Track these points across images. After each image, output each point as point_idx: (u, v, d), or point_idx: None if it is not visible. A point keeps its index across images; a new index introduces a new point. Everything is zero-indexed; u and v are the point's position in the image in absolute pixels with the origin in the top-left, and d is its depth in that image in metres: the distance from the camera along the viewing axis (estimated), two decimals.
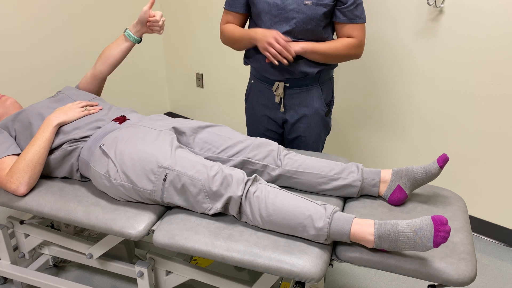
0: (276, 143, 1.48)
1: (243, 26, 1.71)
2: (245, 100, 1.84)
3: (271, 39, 1.49)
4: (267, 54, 1.53)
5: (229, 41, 1.69)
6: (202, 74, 2.97)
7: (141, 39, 1.74)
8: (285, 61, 1.51)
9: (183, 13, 2.87)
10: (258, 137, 1.54)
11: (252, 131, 1.85)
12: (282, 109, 1.70)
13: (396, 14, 2.01)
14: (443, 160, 1.30)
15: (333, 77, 1.76)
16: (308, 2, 1.50)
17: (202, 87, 3.01)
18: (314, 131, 1.74)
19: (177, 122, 1.51)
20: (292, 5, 1.52)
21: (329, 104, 1.75)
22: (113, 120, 1.54)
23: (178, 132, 1.48)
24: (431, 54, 1.99)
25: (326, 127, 1.78)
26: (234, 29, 1.66)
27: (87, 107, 1.59)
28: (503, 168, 1.97)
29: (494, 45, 1.82)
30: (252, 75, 1.77)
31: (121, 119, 1.54)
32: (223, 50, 2.78)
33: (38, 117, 1.54)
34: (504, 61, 1.82)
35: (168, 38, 3.06)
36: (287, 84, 1.66)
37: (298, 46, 1.54)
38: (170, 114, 3.35)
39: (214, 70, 2.89)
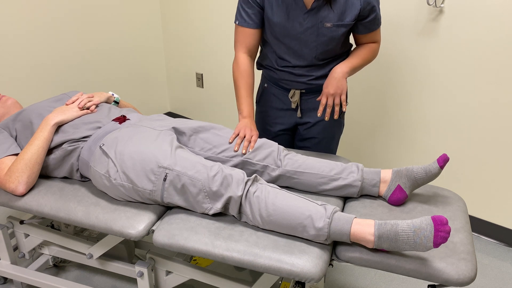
0: (276, 143, 1.47)
1: (258, 43, 1.62)
2: (257, 102, 1.80)
3: (243, 133, 1.47)
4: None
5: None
6: (202, 74, 2.97)
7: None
8: (244, 151, 1.45)
9: (183, 13, 2.87)
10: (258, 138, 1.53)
11: (264, 133, 1.81)
12: (299, 114, 1.69)
13: (396, 14, 2.01)
14: (443, 160, 1.30)
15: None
16: (328, 25, 1.47)
17: (202, 87, 3.01)
18: (328, 133, 1.72)
19: (177, 122, 1.50)
20: (312, 29, 1.48)
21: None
22: (113, 120, 1.54)
23: (178, 132, 1.48)
24: (431, 54, 1.98)
25: (339, 128, 1.75)
26: (238, 78, 1.59)
27: (87, 104, 1.58)
28: (503, 168, 1.97)
29: (495, 45, 1.82)
30: (266, 79, 1.73)
31: (121, 119, 1.54)
32: (223, 50, 2.78)
33: (39, 117, 1.54)
34: (505, 61, 1.81)
35: (168, 38, 3.06)
36: (303, 91, 1.64)
37: (343, 73, 1.51)
38: (170, 114, 3.35)
39: (214, 70, 2.89)
